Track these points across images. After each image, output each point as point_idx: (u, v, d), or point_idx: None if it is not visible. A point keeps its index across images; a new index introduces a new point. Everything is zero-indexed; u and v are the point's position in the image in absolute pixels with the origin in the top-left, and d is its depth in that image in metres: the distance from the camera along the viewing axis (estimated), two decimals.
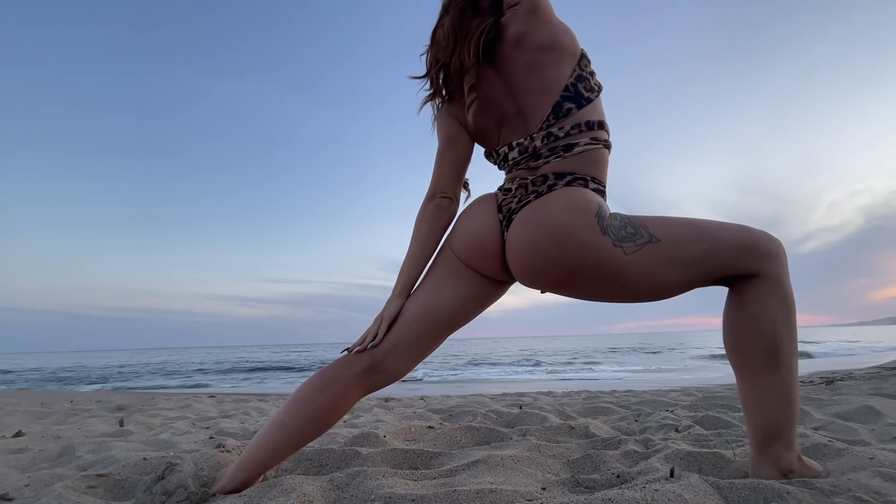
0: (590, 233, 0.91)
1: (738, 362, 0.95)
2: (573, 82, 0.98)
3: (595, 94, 1.01)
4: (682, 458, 1.12)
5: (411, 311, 1.04)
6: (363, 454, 1.24)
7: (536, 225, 0.93)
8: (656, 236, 0.91)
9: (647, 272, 0.90)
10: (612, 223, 0.92)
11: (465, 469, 1.09)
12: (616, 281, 0.91)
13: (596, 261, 0.91)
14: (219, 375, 11.27)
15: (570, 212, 0.92)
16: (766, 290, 0.90)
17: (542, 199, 0.95)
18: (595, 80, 1.02)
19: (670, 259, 0.90)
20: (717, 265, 0.91)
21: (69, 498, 0.95)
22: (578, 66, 0.99)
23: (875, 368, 4.82)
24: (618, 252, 0.90)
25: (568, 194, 0.95)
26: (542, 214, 0.93)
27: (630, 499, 0.78)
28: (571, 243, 0.90)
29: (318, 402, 0.98)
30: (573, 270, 0.92)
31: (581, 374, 8.29)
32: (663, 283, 0.92)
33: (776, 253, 0.92)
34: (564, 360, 12.05)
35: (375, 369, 1.01)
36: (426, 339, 1.04)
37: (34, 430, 2.18)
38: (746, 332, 0.91)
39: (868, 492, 0.82)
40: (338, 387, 0.99)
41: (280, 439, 0.98)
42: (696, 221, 0.94)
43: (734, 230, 0.93)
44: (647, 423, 1.78)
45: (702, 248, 0.91)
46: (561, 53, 0.99)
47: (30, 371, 14.69)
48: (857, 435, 1.40)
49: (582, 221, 0.91)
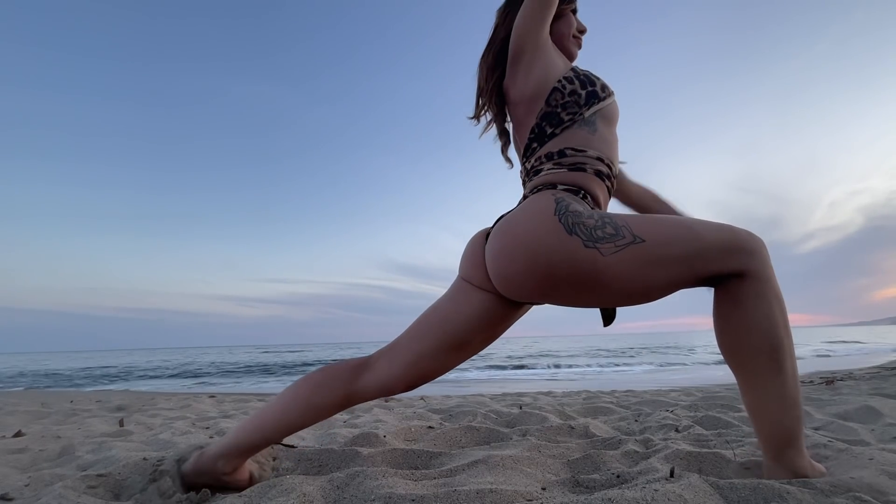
0: (552, 235, 0.89)
1: (738, 366, 0.92)
2: (538, 122, 1.07)
3: (562, 126, 1.04)
4: (682, 458, 1.12)
5: (416, 323, 1.07)
6: (363, 454, 1.24)
7: (502, 232, 0.96)
8: (640, 236, 0.88)
9: (631, 274, 0.88)
10: (584, 221, 0.90)
11: (465, 469, 1.09)
12: (597, 284, 0.89)
13: (567, 264, 0.88)
14: (219, 375, 11.27)
15: (528, 215, 0.95)
16: (756, 289, 0.88)
17: (512, 210, 1.02)
18: (566, 112, 1.04)
19: (657, 259, 0.88)
20: (702, 265, 0.88)
21: (69, 498, 0.95)
22: (546, 104, 1.05)
23: (875, 368, 4.82)
24: (592, 253, 0.87)
25: (530, 201, 0.99)
26: (506, 222, 0.97)
27: (630, 499, 0.78)
28: (534, 247, 0.90)
29: (312, 403, 1.03)
30: (544, 275, 0.90)
31: (581, 374, 8.29)
32: (648, 284, 0.89)
33: (759, 251, 0.90)
34: (567, 358, 12.06)
35: (367, 366, 1.05)
36: (427, 351, 1.03)
37: (34, 430, 2.19)
38: (745, 335, 0.89)
39: (869, 491, 0.82)
40: (333, 386, 1.04)
41: (273, 431, 1.04)
42: (680, 220, 0.92)
43: (718, 229, 0.91)
44: (647, 423, 1.78)
45: (687, 248, 0.88)
46: (531, 100, 1.07)
47: (29, 371, 14.69)
48: (857, 435, 1.40)
49: (542, 223, 0.91)
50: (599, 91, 1.06)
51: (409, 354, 1.04)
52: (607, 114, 1.08)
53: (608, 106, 1.08)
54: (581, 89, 1.05)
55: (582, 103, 1.04)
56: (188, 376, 11.20)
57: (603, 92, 1.07)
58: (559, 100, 1.05)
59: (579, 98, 1.04)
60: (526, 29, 1.06)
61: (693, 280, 0.91)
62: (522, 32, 1.06)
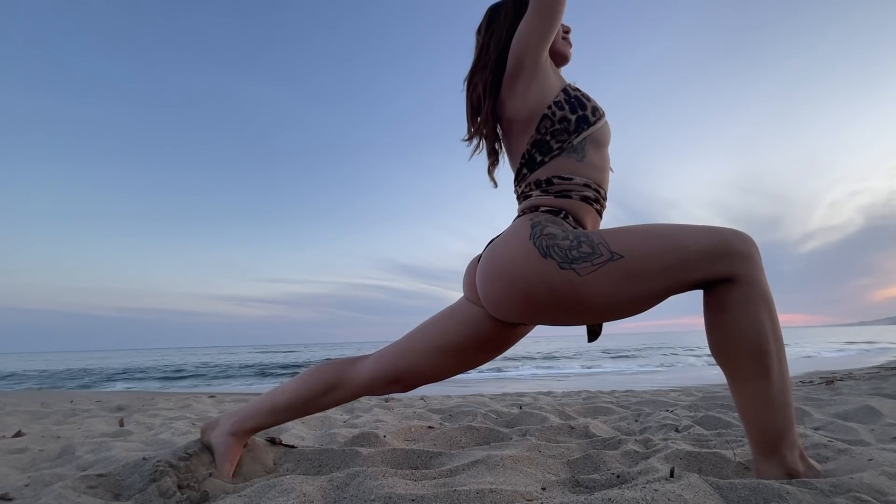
0: (528, 259, 0.92)
1: (728, 370, 0.93)
2: (529, 149, 1.08)
3: (551, 154, 1.05)
4: (682, 458, 1.12)
5: (417, 326, 1.15)
6: (363, 454, 1.24)
7: (487, 258, 1.00)
8: (618, 253, 0.89)
9: (611, 290, 0.88)
10: (558, 243, 0.91)
11: (465, 469, 1.09)
12: (578, 303, 0.90)
13: (543, 287, 0.90)
14: (218, 375, 11.26)
15: (508, 241, 0.98)
16: (743, 294, 0.88)
17: (499, 235, 1.05)
18: (555, 140, 1.04)
19: (638, 274, 0.88)
20: (686, 274, 0.88)
21: (69, 498, 0.95)
22: (537, 132, 1.06)
23: (875, 368, 4.83)
24: (569, 274, 0.89)
25: (511, 227, 1.03)
26: (491, 248, 1.01)
27: (630, 499, 0.78)
28: (512, 272, 0.93)
29: (320, 401, 1.14)
30: (525, 300, 0.93)
31: (581, 374, 8.29)
32: (632, 298, 0.89)
33: (748, 253, 0.89)
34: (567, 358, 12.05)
35: (363, 357, 1.16)
36: (417, 346, 1.10)
37: (34, 430, 2.18)
38: (732, 340, 0.89)
39: (869, 491, 0.82)
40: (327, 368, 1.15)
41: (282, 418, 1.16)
42: (661, 229, 0.92)
43: (701, 234, 0.89)
44: (647, 423, 1.78)
45: (669, 259, 0.88)
46: (525, 123, 1.08)
47: (30, 371, 14.68)
48: (857, 435, 1.40)
49: (517, 249, 0.94)
50: (590, 115, 1.06)
51: (398, 346, 1.12)
52: (597, 137, 1.07)
53: (598, 130, 1.07)
54: (571, 114, 1.04)
55: (571, 130, 1.04)
56: (188, 376, 11.19)
57: (594, 115, 1.06)
58: (549, 127, 1.05)
59: (569, 125, 1.04)
60: (528, 46, 1.04)
61: (680, 288, 0.91)
62: (524, 49, 1.04)
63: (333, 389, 1.12)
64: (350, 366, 1.14)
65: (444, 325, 1.09)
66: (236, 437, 1.15)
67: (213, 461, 1.12)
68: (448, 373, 1.10)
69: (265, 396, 1.18)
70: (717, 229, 0.91)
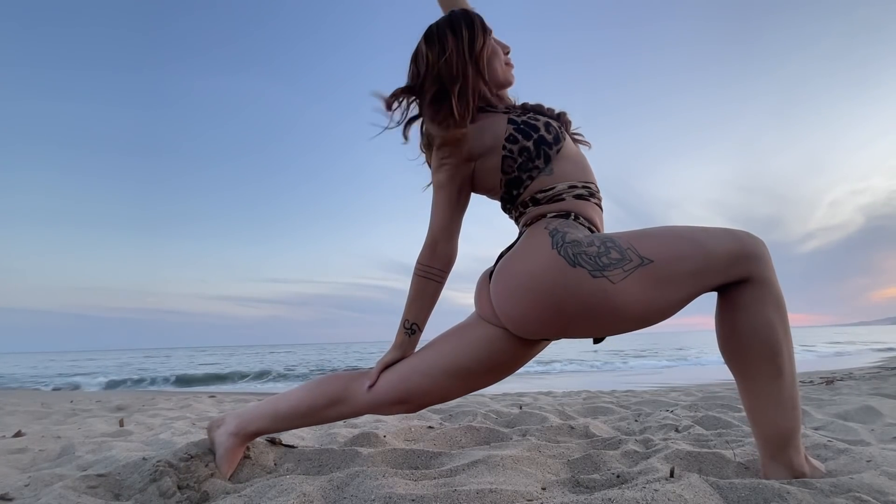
0: (554, 270, 0.87)
1: (738, 370, 0.93)
2: (505, 190, 1.05)
3: (524, 186, 1.02)
4: (682, 458, 1.12)
5: (428, 346, 1.09)
6: (363, 454, 1.24)
7: (503, 273, 0.95)
8: (648, 257, 0.87)
9: (645, 296, 0.86)
10: (585, 250, 0.88)
11: (465, 469, 1.09)
12: (612, 312, 0.87)
13: (576, 298, 0.86)
14: (218, 375, 11.25)
15: (527, 252, 0.93)
16: (758, 295, 0.88)
17: (510, 247, 1.01)
18: (525, 172, 1.01)
19: (669, 278, 0.86)
20: (712, 277, 0.88)
21: (69, 498, 0.95)
22: (503, 173, 1.03)
23: (875, 368, 4.82)
24: (601, 283, 0.85)
25: (526, 237, 0.97)
26: (506, 262, 0.96)
27: (630, 499, 0.78)
28: (538, 286, 0.88)
29: (322, 414, 1.11)
30: (555, 313, 0.88)
31: (581, 374, 8.29)
32: (664, 303, 0.88)
33: (762, 254, 0.89)
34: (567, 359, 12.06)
35: (367, 373, 1.10)
36: (422, 366, 1.05)
37: (34, 430, 2.18)
38: (745, 340, 0.89)
39: (869, 491, 0.82)
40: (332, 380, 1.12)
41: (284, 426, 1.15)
42: (684, 232, 0.91)
43: (721, 237, 0.89)
44: (647, 423, 1.78)
45: (696, 263, 0.87)
46: (488, 172, 1.05)
47: (30, 371, 14.69)
48: (857, 435, 1.40)
49: (541, 260, 0.89)
50: (544, 133, 1.02)
51: (403, 366, 1.06)
52: (561, 153, 1.03)
53: (560, 148, 1.03)
54: (526, 141, 1.01)
55: (534, 156, 1.01)
56: (187, 376, 11.19)
57: (548, 132, 1.02)
58: (513, 165, 1.02)
59: (530, 153, 1.01)
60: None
61: (704, 291, 0.91)
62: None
63: (337, 403, 1.08)
64: (355, 380, 1.09)
65: (454, 345, 1.03)
66: (239, 437, 1.14)
67: (214, 460, 1.12)
68: (456, 394, 1.06)
69: (270, 401, 1.16)
70: (732, 231, 0.91)
